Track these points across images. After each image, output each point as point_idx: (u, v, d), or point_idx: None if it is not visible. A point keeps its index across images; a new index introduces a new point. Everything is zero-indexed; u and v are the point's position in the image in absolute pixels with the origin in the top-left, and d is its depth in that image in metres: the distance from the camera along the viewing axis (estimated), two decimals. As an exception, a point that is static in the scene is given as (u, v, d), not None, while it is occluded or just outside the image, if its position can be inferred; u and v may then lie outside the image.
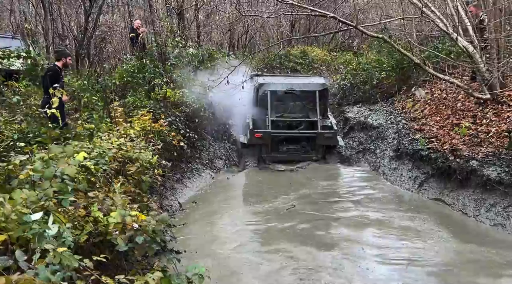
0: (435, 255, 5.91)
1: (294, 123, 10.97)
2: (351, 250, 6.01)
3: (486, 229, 6.94)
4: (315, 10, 8.90)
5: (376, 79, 13.02)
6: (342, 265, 5.52)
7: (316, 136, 10.24)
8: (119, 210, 3.77)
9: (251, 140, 10.12)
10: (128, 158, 6.01)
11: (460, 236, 6.57)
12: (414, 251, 6.02)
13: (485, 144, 7.91)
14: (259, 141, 10.11)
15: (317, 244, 6.18)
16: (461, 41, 8.69)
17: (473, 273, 5.43)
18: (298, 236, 6.48)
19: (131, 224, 3.72)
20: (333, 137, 10.30)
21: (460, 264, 5.68)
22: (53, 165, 3.47)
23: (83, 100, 8.41)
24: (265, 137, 10.06)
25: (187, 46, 11.50)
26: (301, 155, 10.54)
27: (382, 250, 6.01)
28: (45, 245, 2.70)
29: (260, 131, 10.06)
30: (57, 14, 14.53)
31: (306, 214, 7.39)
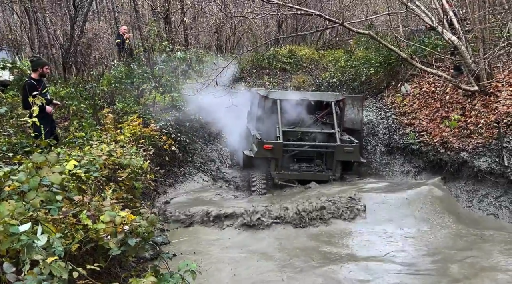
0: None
1: (307, 136, 9.65)
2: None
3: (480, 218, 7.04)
4: (301, 9, 8.91)
5: (365, 76, 13.07)
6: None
7: (335, 151, 8.73)
8: (108, 211, 3.74)
9: (259, 153, 8.55)
10: (119, 165, 5.97)
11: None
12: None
13: (475, 136, 7.96)
14: (269, 154, 8.61)
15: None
16: (446, 34, 8.74)
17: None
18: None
19: (122, 227, 3.70)
20: (354, 152, 8.75)
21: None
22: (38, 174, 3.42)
23: (71, 108, 8.35)
24: (276, 149, 8.56)
25: (174, 50, 11.45)
26: (315, 173, 9.09)
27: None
28: (34, 256, 2.66)
29: (271, 142, 8.61)
30: (42, 23, 14.41)
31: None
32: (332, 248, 5.90)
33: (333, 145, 8.78)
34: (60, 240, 3.03)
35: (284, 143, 8.72)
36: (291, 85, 15.05)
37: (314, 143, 9.17)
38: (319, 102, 9.88)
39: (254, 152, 8.67)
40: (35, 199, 3.22)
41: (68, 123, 7.89)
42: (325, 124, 9.84)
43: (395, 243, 6.04)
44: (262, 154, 8.54)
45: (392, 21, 13.42)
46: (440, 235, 6.26)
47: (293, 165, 9.26)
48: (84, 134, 6.97)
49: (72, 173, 4.90)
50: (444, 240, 6.10)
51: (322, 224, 6.64)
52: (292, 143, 9.11)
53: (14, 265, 2.83)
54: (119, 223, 3.77)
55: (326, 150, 9.20)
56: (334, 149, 8.72)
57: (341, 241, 6.21)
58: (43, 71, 6.56)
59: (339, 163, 8.83)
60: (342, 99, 9.65)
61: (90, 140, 6.48)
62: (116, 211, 4.18)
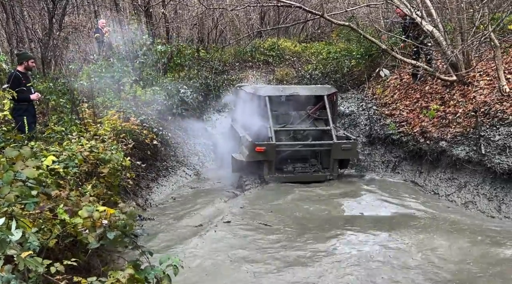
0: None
1: (299, 134, 8.99)
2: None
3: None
4: (281, 0, 8.91)
5: (347, 68, 13.16)
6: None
7: (332, 149, 8.17)
8: (86, 206, 3.71)
9: (251, 156, 7.90)
10: (100, 160, 5.92)
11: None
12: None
13: (453, 125, 8.10)
14: (261, 157, 7.97)
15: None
16: (425, 25, 8.84)
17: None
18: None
19: (100, 221, 3.67)
20: (353, 149, 8.22)
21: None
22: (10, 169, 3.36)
23: (50, 103, 8.23)
24: (269, 151, 7.93)
25: (155, 43, 11.34)
26: (312, 174, 8.44)
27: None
28: (8, 251, 2.63)
29: (263, 144, 7.94)
30: (20, 17, 14.11)
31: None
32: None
33: (330, 143, 8.19)
34: (36, 234, 3.00)
35: (277, 144, 8.11)
36: (274, 78, 15.04)
37: (310, 142, 8.57)
38: (310, 96, 9.23)
39: (245, 156, 7.98)
40: (9, 194, 3.17)
41: (46, 118, 7.78)
42: (317, 120, 9.23)
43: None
44: (254, 158, 7.94)
45: (373, 13, 13.51)
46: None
47: (287, 166, 8.57)
48: (63, 129, 6.89)
49: (51, 169, 4.86)
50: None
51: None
52: (286, 143, 8.51)
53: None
54: (98, 218, 3.73)
55: (321, 148, 8.60)
56: (331, 147, 8.18)
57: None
58: (28, 65, 6.69)
59: (336, 161, 8.35)
60: (335, 92, 9.13)
61: (69, 135, 6.40)
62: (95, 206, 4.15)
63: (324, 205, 6.82)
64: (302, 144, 8.55)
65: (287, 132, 8.89)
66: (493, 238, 5.33)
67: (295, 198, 7.20)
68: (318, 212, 6.52)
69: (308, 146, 8.58)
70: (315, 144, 8.54)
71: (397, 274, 4.54)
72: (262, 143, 7.99)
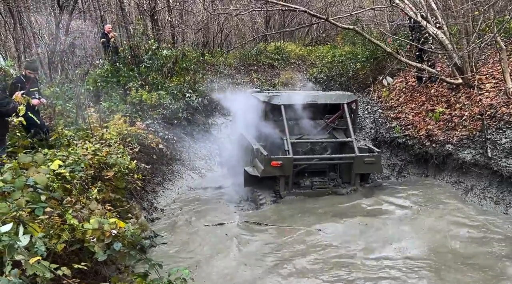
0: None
1: (317, 146, 8.29)
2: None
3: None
4: (286, 5, 8.94)
5: (352, 71, 13.16)
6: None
7: (353, 163, 7.57)
8: (97, 217, 3.73)
9: (266, 171, 7.26)
10: (105, 164, 5.95)
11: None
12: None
13: (459, 128, 8.06)
14: (277, 172, 7.36)
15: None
16: (430, 28, 8.82)
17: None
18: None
19: (109, 231, 3.68)
20: (376, 163, 7.62)
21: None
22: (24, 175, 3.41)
23: (56, 108, 8.29)
24: (285, 166, 7.31)
25: (160, 48, 11.40)
26: (332, 189, 7.80)
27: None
28: (16, 256, 2.66)
29: (279, 158, 7.35)
30: (27, 22, 14.25)
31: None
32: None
33: (352, 156, 7.57)
34: (43, 240, 3.02)
35: (294, 158, 7.49)
36: (279, 82, 15.07)
37: (330, 156, 8.01)
38: (327, 104, 8.59)
39: (260, 171, 7.34)
40: (20, 199, 3.21)
41: (53, 123, 7.83)
42: (336, 130, 8.61)
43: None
44: (269, 173, 7.31)
45: (378, 16, 13.52)
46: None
47: (305, 180, 7.94)
48: (71, 134, 6.94)
49: (57, 173, 4.89)
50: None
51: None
52: (304, 157, 7.91)
53: (-2, 266, 2.83)
54: (108, 230, 3.75)
55: (342, 161, 7.98)
56: (353, 160, 7.57)
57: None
58: (25, 73, 6.64)
59: (357, 175, 7.74)
60: (355, 100, 8.49)
61: (75, 140, 6.44)
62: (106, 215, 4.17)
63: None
64: (321, 157, 7.98)
65: (305, 144, 8.24)
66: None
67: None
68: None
69: (328, 160, 8.03)
70: (335, 157, 7.97)
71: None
72: (278, 157, 7.43)
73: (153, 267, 3.88)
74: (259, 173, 7.37)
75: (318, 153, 8.16)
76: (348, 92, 8.95)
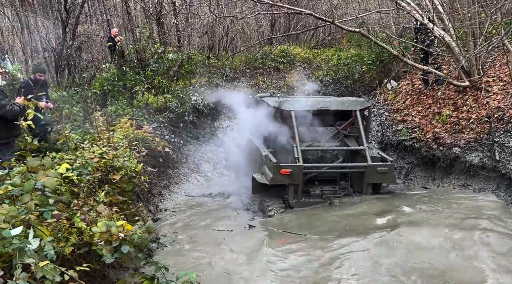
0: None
1: (328, 154, 8.09)
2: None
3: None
4: (291, 8, 8.95)
5: (358, 73, 13.13)
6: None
7: (366, 172, 7.34)
8: (105, 220, 3.75)
9: (275, 179, 7.09)
10: (112, 167, 5.97)
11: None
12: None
13: (466, 131, 8.03)
14: (287, 180, 7.16)
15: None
16: (437, 31, 8.80)
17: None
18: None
19: (117, 234, 3.70)
20: (389, 172, 7.35)
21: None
22: (32, 178, 3.43)
23: (64, 111, 8.34)
24: (295, 174, 7.11)
25: (166, 52, 11.45)
26: (343, 199, 7.56)
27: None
28: (26, 259, 2.67)
29: (289, 166, 7.20)
30: (34, 27, 14.38)
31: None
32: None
33: (364, 165, 7.36)
34: (52, 243, 3.03)
35: (304, 166, 7.28)
36: (284, 84, 15.07)
37: (341, 165, 7.80)
38: (339, 110, 8.37)
39: (268, 178, 7.16)
40: (29, 202, 3.23)
41: (60, 127, 7.87)
42: (347, 137, 8.39)
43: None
44: (278, 181, 7.13)
45: (384, 19, 13.50)
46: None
47: (315, 189, 7.70)
48: (78, 137, 6.98)
49: (64, 176, 4.91)
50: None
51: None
52: (314, 165, 7.68)
53: (8, 269, 2.84)
54: (115, 232, 3.76)
55: (354, 170, 7.79)
56: (365, 169, 7.36)
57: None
58: (35, 77, 6.65)
59: (369, 185, 7.49)
60: (368, 107, 8.24)
61: (82, 143, 6.47)
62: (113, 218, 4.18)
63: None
64: (332, 166, 7.76)
65: (315, 151, 8.01)
66: None
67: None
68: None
69: (339, 168, 7.81)
70: (347, 166, 7.78)
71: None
72: (287, 165, 7.26)
73: (159, 270, 3.89)
74: (267, 181, 7.19)
75: (328, 161, 7.96)
76: (360, 98, 8.74)
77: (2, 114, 5.47)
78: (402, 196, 7.61)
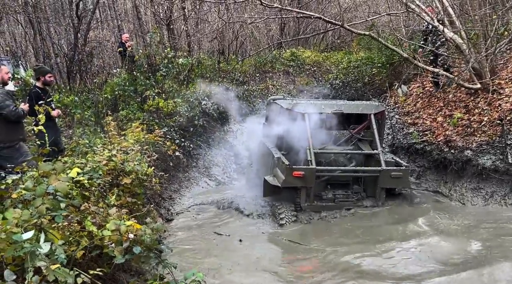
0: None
1: (341, 157, 7.96)
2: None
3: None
4: (301, 12, 8.97)
5: (368, 76, 13.08)
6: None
7: (379, 176, 7.24)
8: (114, 219, 3.78)
9: (287, 181, 7.00)
10: (122, 171, 6.02)
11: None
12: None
13: (478, 134, 7.94)
14: (299, 183, 7.09)
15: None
16: (447, 33, 8.74)
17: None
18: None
19: (127, 235, 3.72)
20: (404, 177, 7.22)
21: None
22: (44, 182, 3.48)
23: (75, 116, 8.43)
24: (307, 177, 7.03)
25: (176, 56, 11.53)
26: (355, 203, 7.48)
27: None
28: (37, 263, 2.70)
29: (302, 168, 7.10)
30: (47, 33, 14.58)
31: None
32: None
33: (378, 169, 7.24)
34: (63, 247, 3.07)
35: (317, 169, 7.18)
36: (294, 88, 15.08)
37: (355, 168, 7.63)
38: (353, 114, 8.36)
39: (280, 181, 7.07)
40: (41, 206, 3.26)
41: (72, 131, 7.97)
42: (361, 141, 8.28)
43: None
44: (290, 183, 7.06)
45: (394, 21, 13.43)
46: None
47: (327, 193, 7.59)
48: (87, 142, 7.04)
49: (76, 181, 4.96)
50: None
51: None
52: (327, 168, 7.55)
53: (20, 272, 2.88)
54: (125, 232, 3.79)
55: (367, 174, 7.65)
56: (379, 174, 7.25)
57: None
58: (45, 80, 6.37)
59: (383, 190, 7.37)
60: (382, 111, 8.13)
61: (94, 147, 6.54)
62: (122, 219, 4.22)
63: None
64: (345, 169, 7.59)
65: (328, 155, 7.90)
66: None
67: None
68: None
69: (352, 172, 7.67)
70: (360, 170, 7.61)
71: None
72: (300, 167, 7.16)
73: (170, 267, 3.92)
74: (279, 183, 7.10)
75: (341, 165, 7.79)
76: (376, 103, 8.62)
77: (5, 114, 5.28)
78: (415, 201, 7.61)
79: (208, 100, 11.59)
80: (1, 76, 5.57)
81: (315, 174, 7.14)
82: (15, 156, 5.42)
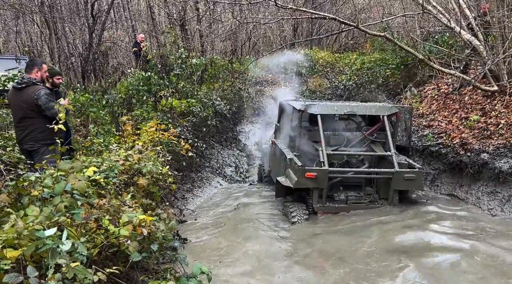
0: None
1: (354, 159, 7.92)
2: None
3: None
4: (315, 12, 8.93)
5: (382, 78, 12.99)
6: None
7: (392, 178, 7.14)
8: (127, 213, 3.81)
9: (300, 182, 6.95)
10: (137, 170, 6.04)
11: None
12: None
13: (495, 136, 7.83)
14: (311, 184, 7.03)
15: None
16: (464, 35, 8.65)
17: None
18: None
19: (141, 230, 3.73)
20: (417, 179, 7.11)
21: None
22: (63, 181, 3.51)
23: (91, 115, 8.50)
24: (320, 178, 6.96)
25: (190, 57, 11.58)
26: (368, 205, 7.40)
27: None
28: (58, 260, 2.71)
29: (314, 169, 7.05)
30: (62, 33, 14.74)
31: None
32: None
33: (391, 171, 7.15)
34: (84, 244, 3.09)
35: (330, 170, 7.12)
36: (307, 89, 15.04)
37: (368, 170, 7.57)
38: (366, 115, 8.30)
39: (293, 181, 7.03)
40: (60, 204, 3.29)
41: (86, 130, 8.03)
42: (374, 143, 8.21)
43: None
44: (303, 184, 7.01)
45: (409, 23, 13.34)
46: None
47: (339, 194, 7.52)
48: (102, 141, 7.09)
49: (92, 179, 5.00)
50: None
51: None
52: (340, 169, 7.53)
53: (37, 269, 2.90)
54: (138, 224, 3.80)
55: (380, 176, 7.58)
56: (392, 175, 7.16)
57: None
58: (53, 81, 6.22)
59: (396, 192, 7.30)
60: (396, 113, 7.99)
61: (109, 146, 6.58)
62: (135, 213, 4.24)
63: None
64: (358, 171, 7.55)
65: (341, 156, 7.83)
66: None
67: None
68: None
69: (364, 174, 7.62)
70: (373, 171, 7.55)
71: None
72: (312, 169, 7.11)
73: (183, 261, 3.94)
74: (292, 184, 7.05)
75: (354, 166, 7.76)
76: (390, 105, 8.52)
77: (51, 115, 5.32)
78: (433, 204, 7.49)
79: (220, 100, 11.61)
80: (41, 74, 5.60)
81: (328, 176, 7.09)
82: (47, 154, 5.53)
